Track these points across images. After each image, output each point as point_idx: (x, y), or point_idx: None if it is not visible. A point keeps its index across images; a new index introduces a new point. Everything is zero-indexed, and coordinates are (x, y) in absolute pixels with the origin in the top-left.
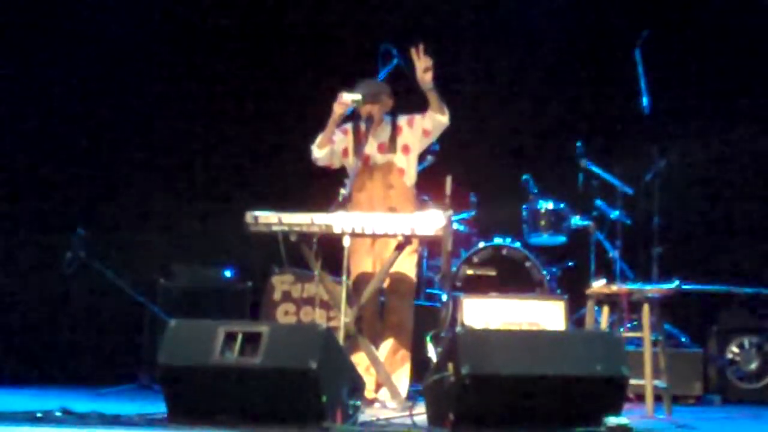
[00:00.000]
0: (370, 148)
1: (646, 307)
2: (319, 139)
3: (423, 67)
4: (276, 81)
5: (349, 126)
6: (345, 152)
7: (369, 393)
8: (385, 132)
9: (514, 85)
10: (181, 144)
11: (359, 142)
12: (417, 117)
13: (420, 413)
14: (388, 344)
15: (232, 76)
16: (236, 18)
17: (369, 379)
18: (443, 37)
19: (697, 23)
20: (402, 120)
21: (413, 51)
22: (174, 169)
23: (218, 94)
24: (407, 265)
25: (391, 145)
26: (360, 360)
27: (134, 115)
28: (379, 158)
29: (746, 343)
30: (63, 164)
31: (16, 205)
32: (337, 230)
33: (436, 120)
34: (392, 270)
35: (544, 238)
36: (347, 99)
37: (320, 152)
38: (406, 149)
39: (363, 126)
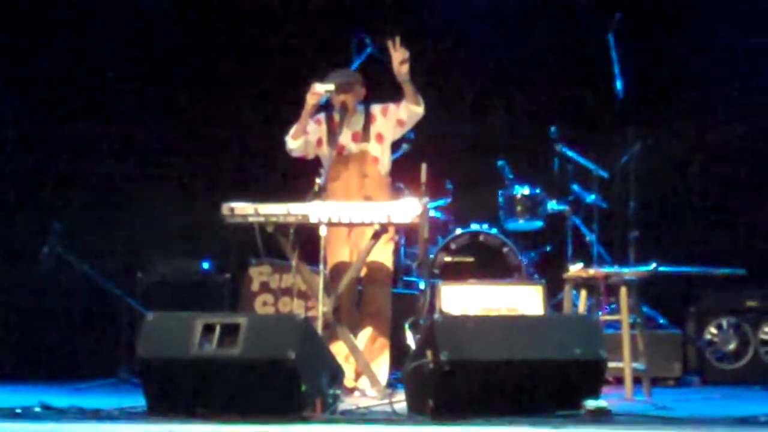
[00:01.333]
0: (344, 137)
1: (623, 290)
2: (293, 130)
3: (400, 59)
4: (251, 73)
5: (322, 116)
6: (319, 142)
7: (349, 382)
8: (358, 121)
9: (487, 70)
10: (157, 136)
11: (333, 131)
12: (391, 106)
13: (400, 401)
14: (366, 333)
15: (209, 71)
16: (217, 12)
17: (348, 367)
18: (417, 23)
19: (670, 5)
20: (375, 109)
21: (389, 43)
22: (151, 162)
23: (196, 87)
24: (384, 253)
25: (364, 134)
26: (339, 349)
27: (113, 107)
28: (354, 147)
29: (724, 323)
30: (40, 157)
31: None
32: (313, 220)
33: (411, 110)
34: (369, 259)
35: (521, 224)
36: (320, 89)
37: (294, 143)
38: (379, 138)
39: (336, 116)
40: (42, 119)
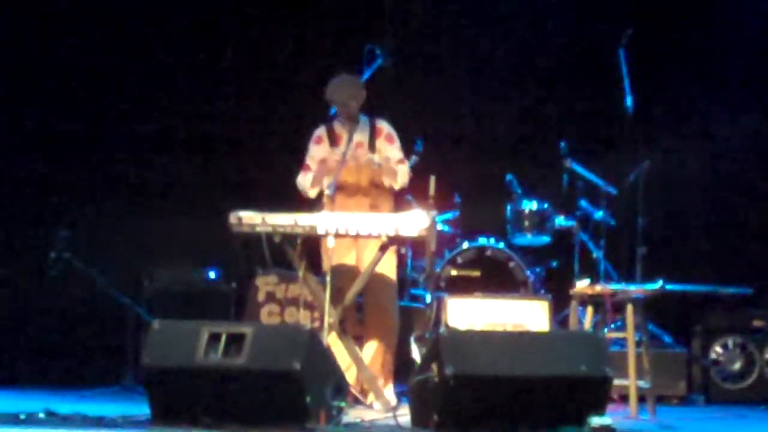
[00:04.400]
0: (349, 147)
1: (629, 308)
2: (310, 181)
3: None
4: (260, 83)
5: (322, 132)
6: (323, 162)
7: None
8: (364, 131)
9: (497, 85)
10: (165, 144)
11: (335, 142)
12: (395, 144)
13: (404, 414)
14: (371, 345)
15: (218, 77)
16: (226, 18)
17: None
18: (429, 37)
19: (680, 22)
20: (384, 127)
21: None
22: (158, 170)
23: (205, 94)
24: (386, 264)
25: (370, 147)
26: (341, 359)
27: (120, 114)
28: (360, 155)
29: (730, 343)
30: (48, 164)
31: None
32: (320, 231)
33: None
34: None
35: (528, 239)
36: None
37: (315, 192)
38: (380, 153)
39: (339, 126)
40: (48, 126)
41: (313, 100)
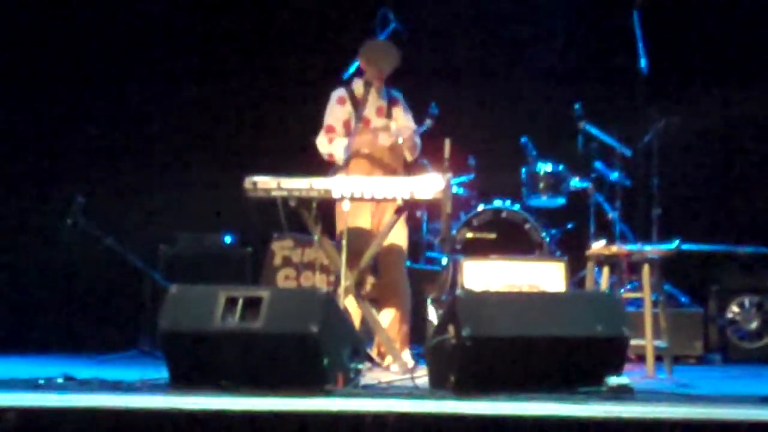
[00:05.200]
0: (370, 111)
1: (646, 268)
2: (342, 148)
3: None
4: (275, 49)
5: (344, 93)
6: (346, 124)
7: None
8: (383, 98)
9: (512, 47)
10: (181, 110)
11: (357, 104)
12: (410, 116)
13: (421, 376)
14: (389, 314)
15: (232, 45)
16: None
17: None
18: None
19: None
20: (399, 97)
21: None
22: (174, 136)
23: (218, 60)
24: (398, 235)
25: (388, 112)
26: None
27: (136, 81)
28: (379, 122)
29: (746, 302)
30: (64, 130)
31: (15, 172)
32: (335, 195)
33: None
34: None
35: (543, 201)
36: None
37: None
38: (397, 122)
39: (360, 88)
40: (65, 91)
41: (324, 65)
